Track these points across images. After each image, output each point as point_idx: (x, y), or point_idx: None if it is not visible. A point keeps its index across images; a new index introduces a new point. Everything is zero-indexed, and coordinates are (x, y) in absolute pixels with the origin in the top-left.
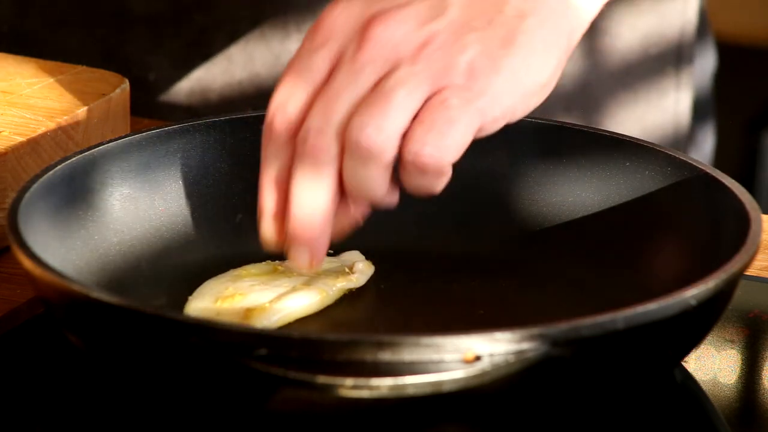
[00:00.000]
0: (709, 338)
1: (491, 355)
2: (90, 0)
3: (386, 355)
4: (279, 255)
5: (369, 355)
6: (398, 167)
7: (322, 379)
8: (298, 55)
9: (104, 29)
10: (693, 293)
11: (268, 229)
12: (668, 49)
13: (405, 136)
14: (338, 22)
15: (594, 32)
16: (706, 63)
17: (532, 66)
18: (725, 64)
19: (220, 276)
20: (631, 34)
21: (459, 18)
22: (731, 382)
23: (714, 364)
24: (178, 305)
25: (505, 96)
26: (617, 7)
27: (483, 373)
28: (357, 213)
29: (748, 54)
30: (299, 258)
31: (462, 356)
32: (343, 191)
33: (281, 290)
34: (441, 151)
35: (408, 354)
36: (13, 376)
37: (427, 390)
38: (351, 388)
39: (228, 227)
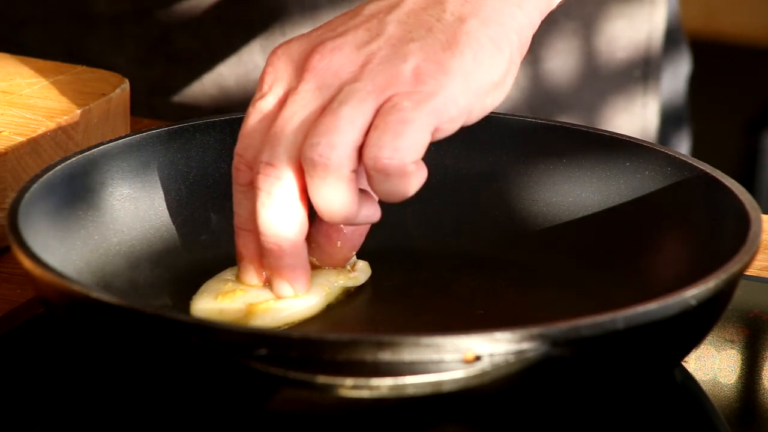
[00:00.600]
0: (709, 338)
1: (491, 355)
2: (53, 0)
3: (386, 355)
4: None
5: (369, 355)
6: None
7: (322, 379)
8: (252, 103)
9: (66, 28)
10: (693, 293)
11: (247, 273)
12: (636, 55)
13: (363, 145)
14: (280, 64)
15: (560, 36)
16: (679, 69)
17: (483, 64)
18: (725, 64)
19: (220, 274)
20: (598, 38)
21: (397, 33)
22: (731, 382)
23: (714, 364)
24: (179, 305)
25: (459, 96)
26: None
27: (483, 373)
28: (348, 237)
29: (748, 54)
30: (281, 290)
31: (462, 356)
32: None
33: None
34: (399, 152)
35: (408, 354)
36: (13, 376)
37: (427, 390)
38: (351, 388)
39: (228, 227)
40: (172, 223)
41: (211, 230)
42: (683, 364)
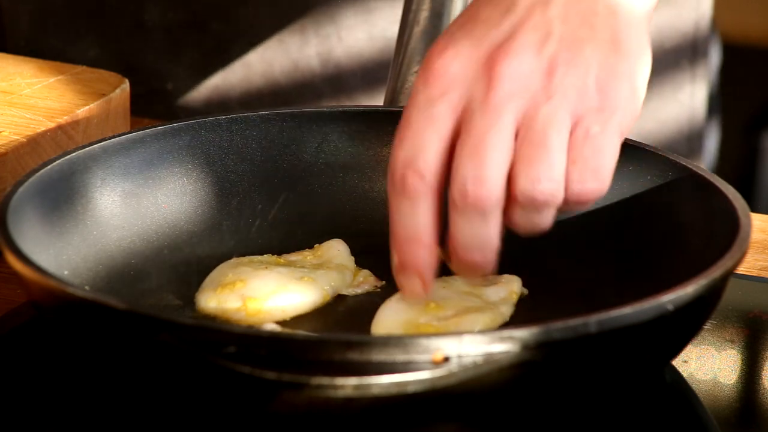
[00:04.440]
0: (709, 338)
1: (459, 357)
2: (107, 12)
3: (355, 355)
4: (280, 249)
5: (337, 355)
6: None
7: (289, 377)
8: (414, 105)
9: (122, 41)
10: (670, 298)
11: (410, 283)
12: (684, 43)
13: (566, 178)
14: (453, 68)
15: None
16: (715, 58)
17: (641, 63)
18: (726, 64)
19: (221, 265)
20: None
21: (566, 34)
22: (731, 382)
23: (714, 364)
24: (179, 303)
25: (631, 103)
26: None
27: (450, 375)
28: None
29: (748, 54)
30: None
31: (431, 357)
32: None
33: (282, 279)
34: (601, 182)
35: (376, 354)
36: (14, 376)
37: (393, 390)
38: (320, 387)
39: (230, 224)
40: (175, 220)
41: (213, 227)
42: (683, 364)
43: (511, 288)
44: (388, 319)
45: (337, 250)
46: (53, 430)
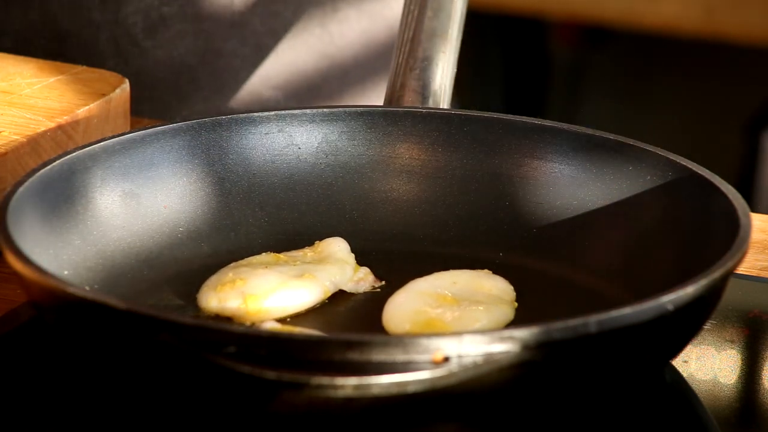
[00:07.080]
0: (709, 338)
1: (459, 357)
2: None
3: (355, 355)
4: (280, 250)
5: (337, 355)
6: None
7: (289, 377)
8: None
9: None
10: (670, 298)
11: None
12: None
13: None
14: None
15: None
16: None
17: None
18: (725, 64)
19: (223, 269)
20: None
21: None
22: (731, 382)
23: (714, 364)
24: (180, 302)
25: None
26: None
27: (450, 375)
28: None
29: (748, 54)
30: None
31: (431, 357)
32: None
33: (282, 277)
34: None
35: (376, 354)
36: (14, 376)
37: (393, 390)
38: (319, 387)
39: (230, 224)
40: (175, 220)
41: (213, 227)
42: (683, 364)
43: (508, 287)
44: (400, 311)
45: (337, 246)
46: (53, 430)
